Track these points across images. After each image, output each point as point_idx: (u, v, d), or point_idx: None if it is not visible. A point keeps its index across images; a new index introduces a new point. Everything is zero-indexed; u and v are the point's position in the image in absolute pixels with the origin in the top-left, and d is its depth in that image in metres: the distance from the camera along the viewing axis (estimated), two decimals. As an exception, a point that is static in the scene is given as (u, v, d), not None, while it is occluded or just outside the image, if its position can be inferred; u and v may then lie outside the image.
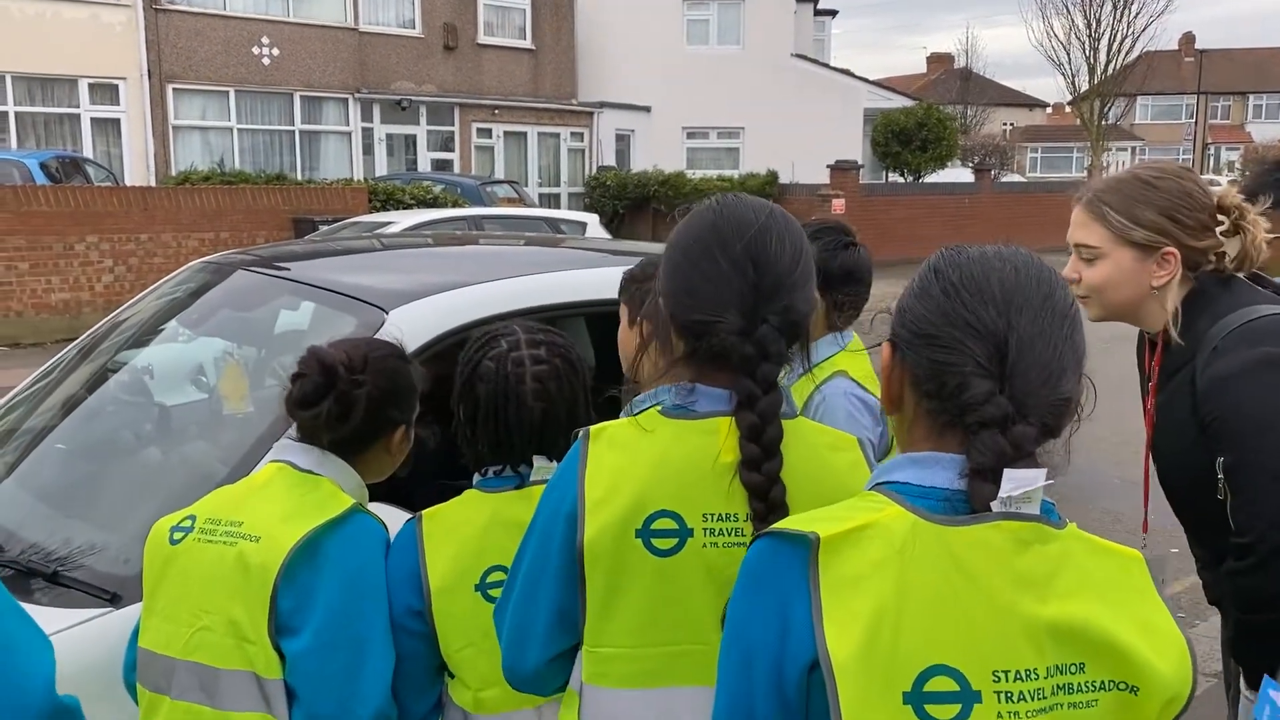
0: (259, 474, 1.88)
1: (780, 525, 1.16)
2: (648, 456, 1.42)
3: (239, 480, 1.97)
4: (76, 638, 1.99)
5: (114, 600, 2.07)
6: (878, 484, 1.18)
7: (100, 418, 2.99)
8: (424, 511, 1.84)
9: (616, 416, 2.14)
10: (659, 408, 1.47)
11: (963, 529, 1.09)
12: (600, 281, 2.67)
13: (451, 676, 1.79)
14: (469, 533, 1.77)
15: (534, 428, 1.78)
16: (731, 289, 1.41)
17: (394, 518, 2.23)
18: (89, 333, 3.33)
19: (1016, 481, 1.07)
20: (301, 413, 1.81)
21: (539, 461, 1.80)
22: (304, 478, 1.81)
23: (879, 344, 1.28)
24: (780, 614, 1.10)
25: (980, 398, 1.11)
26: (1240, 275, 2.04)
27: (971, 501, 1.10)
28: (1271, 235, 2.47)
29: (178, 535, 1.80)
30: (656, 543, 1.39)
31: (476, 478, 1.85)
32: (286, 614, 1.69)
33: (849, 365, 2.42)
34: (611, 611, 1.41)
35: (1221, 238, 2.00)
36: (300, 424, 1.84)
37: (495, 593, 1.71)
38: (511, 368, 1.79)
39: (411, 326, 2.40)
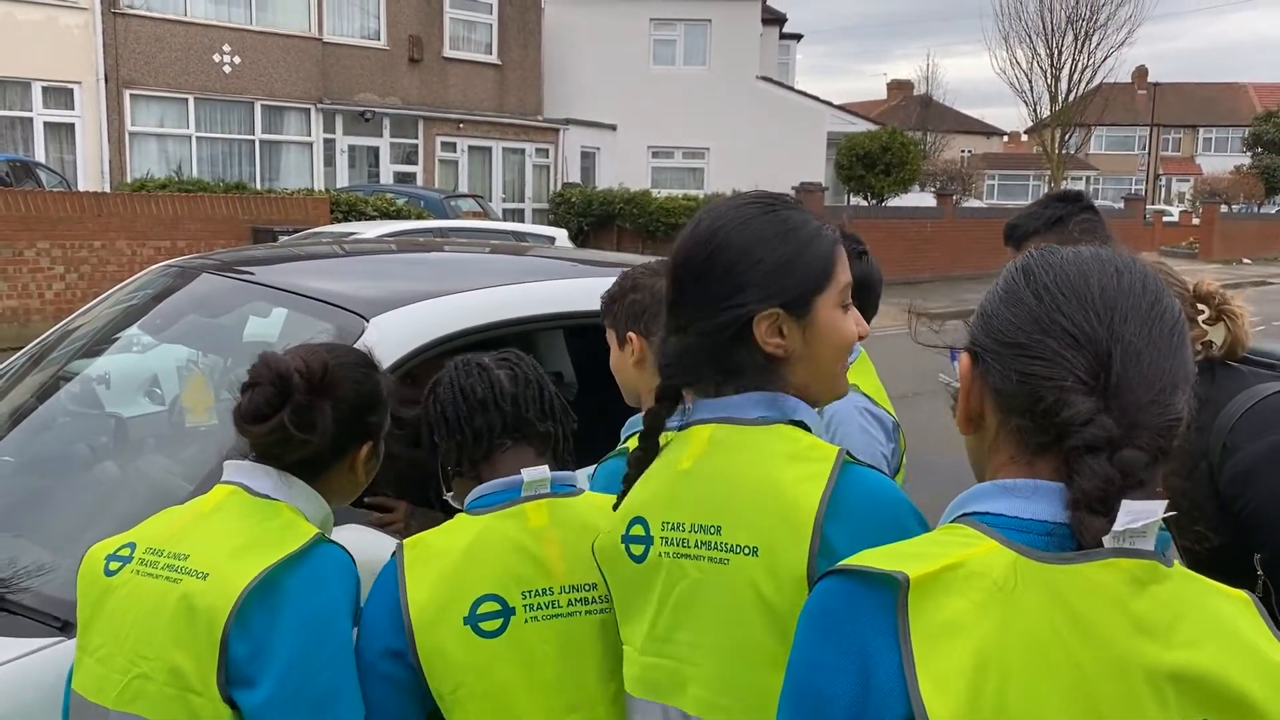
0: (207, 498, 1.64)
1: (855, 562, 1.01)
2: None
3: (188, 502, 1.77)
4: (21, 670, 1.82)
5: (64, 629, 1.88)
6: (962, 515, 1.04)
7: (51, 430, 2.81)
8: (405, 540, 1.65)
9: (611, 433, 2.04)
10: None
11: (1071, 568, 0.95)
12: (585, 292, 2.56)
13: None
14: (451, 558, 1.57)
15: (505, 415, 1.66)
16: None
17: (369, 542, 2.07)
18: (40, 339, 3.15)
19: (1134, 514, 0.94)
20: (253, 428, 1.58)
21: (529, 474, 1.64)
22: (260, 504, 1.59)
23: (946, 348, 1.15)
24: (860, 664, 0.95)
25: (1082, 417, 0.97)
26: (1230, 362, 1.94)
27: (1078, 537, 0.96)
28: None
29: (114, 565, 1.58)
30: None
31: (467, 502, 1.69)
32: (240, 662, 1.47)
33: (860, 380, 2.33)
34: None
35: (1205, 327, 1.91)
36: (252, 441, 1.61)
37: (488, 625, 1.53)
38: (471, 365, 1.71)
39: (395, 335, 2.26)
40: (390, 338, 2.27)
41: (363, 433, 1.68)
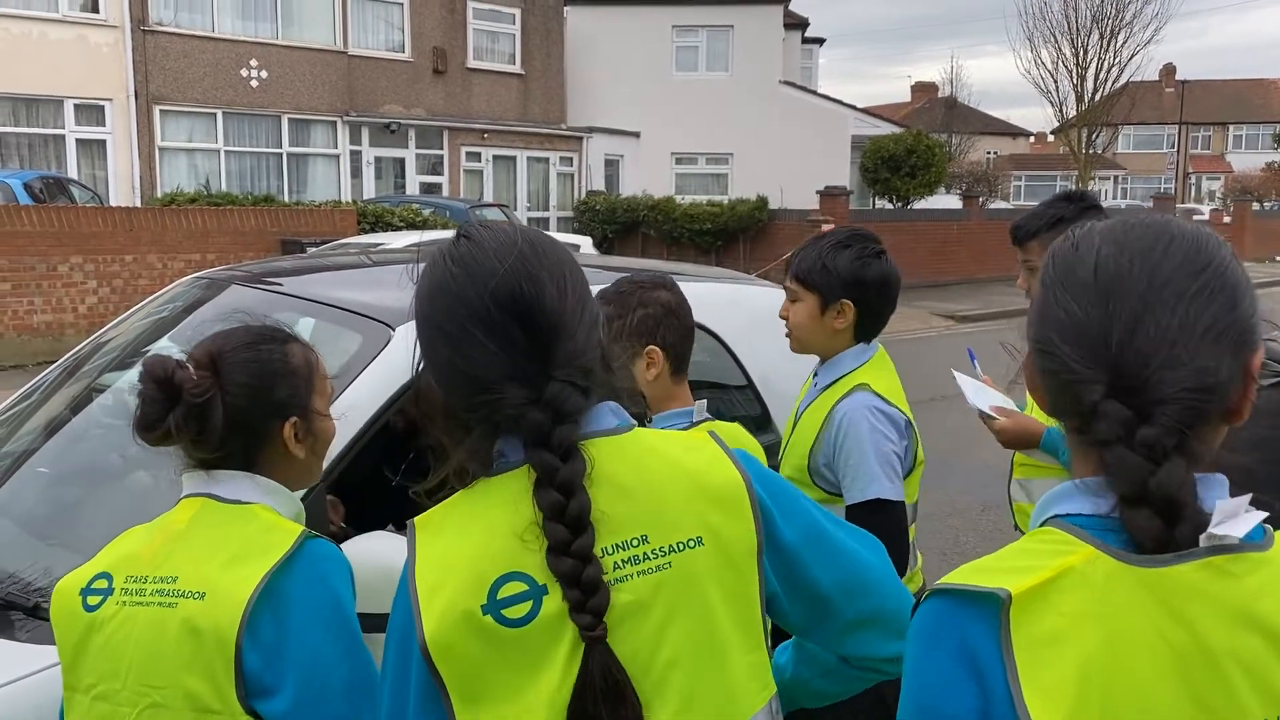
0: (175, 514, 1.58)
1: (955, 580, 0.99)
2: (476, 525, 1.21)
3: (149, 523, 1.67)
4: (58, 677, 1.84)
5: (99, 636, 1.91)
6: (1052, 516, 1.03)
7: (85, 440, 2.85)
8: None
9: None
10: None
11: (1168, 570, 0.94)
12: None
13: None
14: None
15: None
16: (501, 361, 1.19)
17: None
18: (73, 352, 3.20)
19: (1225, 513, 0.93)
20: (145, 436, 1.54)
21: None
22: (234, 511, 1.55)
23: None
24: (976, 679, 0.95)
25: (1090, 411, 0.96)
26: None
27: (1132, 536, 0.94)
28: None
29: (93, 599, 1.53)
30: (508, 613, 1.16)
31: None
32: (256, 674, 1.45)
33: (872, 378, 2.34)
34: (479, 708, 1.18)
35: None
36: (153, 447, 1.57)
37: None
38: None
39: (420, 343, 2.28)
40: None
41: (274, 411, 1.60)
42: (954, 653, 0.97)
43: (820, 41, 32.55)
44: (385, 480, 2.81)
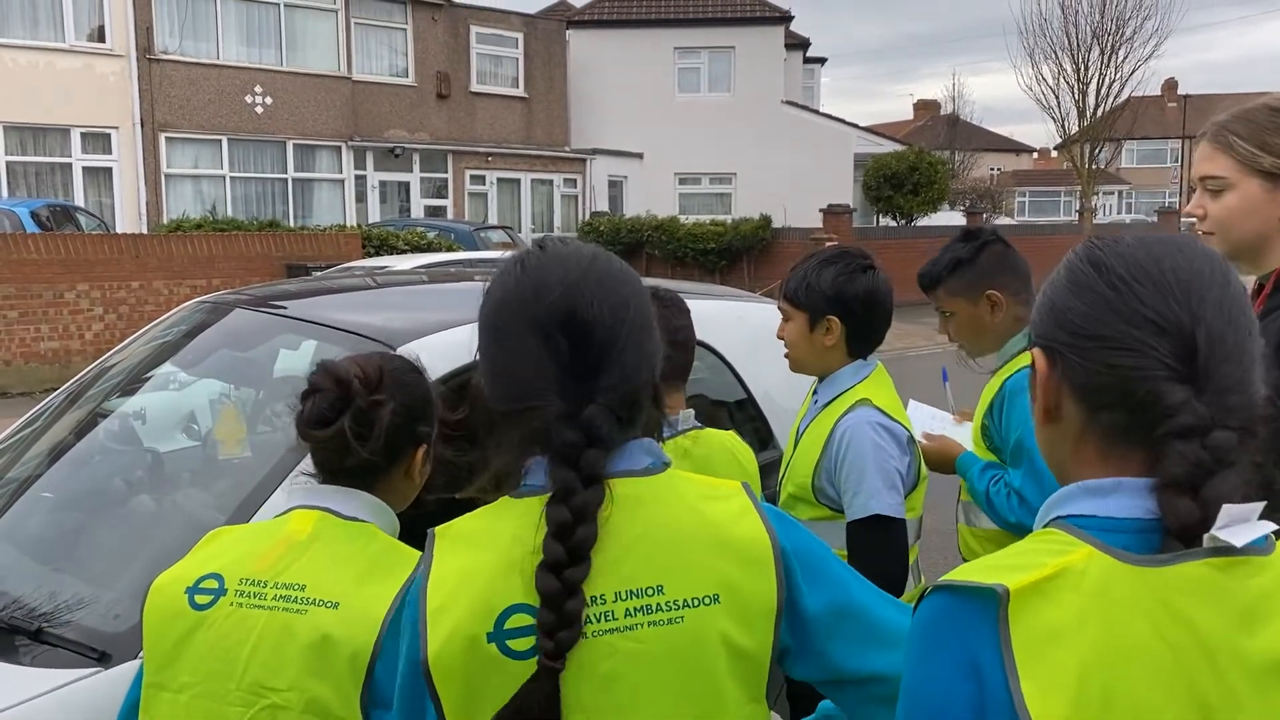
0: (294, 525, 1.60)
1: (956, 577, 1.00)
2: (491, 546, 1.20)
3: (247, 527, 1.75)
4: (62, 700, 1.85)
5: (103, 659, 1.92)
6: (1055, 518, 1.03)
7: (89, 465, 2.86)
8: None
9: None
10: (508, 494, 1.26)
11: (1168, 569, 0.95)
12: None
13: None
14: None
15: None
16: (549, 371, 1.21)
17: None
18: (77, 377, 3.21)
19: (1233, 517, 0.93)
20: (316, 432, 1.59)
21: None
22: (354, 528, 1.60)
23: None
24: (973, 675, 0.96)
25: (1175, 406, 0.96)
26: None
27: (1166, 519, 0.95)
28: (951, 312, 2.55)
29: (203, 599, 1.55)
30: (513, 644, 1.16)
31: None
32: (383, 686, 1.47)
33: (872, 394, 2.34)
34: None
35: None
36: (315, 448, 1.63)
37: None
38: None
39: (421, 363, 2.29)
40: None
41: (417, 437, 1.68)
42: (953, 653, 0.97)
43: (822, 61, 32.73)
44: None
